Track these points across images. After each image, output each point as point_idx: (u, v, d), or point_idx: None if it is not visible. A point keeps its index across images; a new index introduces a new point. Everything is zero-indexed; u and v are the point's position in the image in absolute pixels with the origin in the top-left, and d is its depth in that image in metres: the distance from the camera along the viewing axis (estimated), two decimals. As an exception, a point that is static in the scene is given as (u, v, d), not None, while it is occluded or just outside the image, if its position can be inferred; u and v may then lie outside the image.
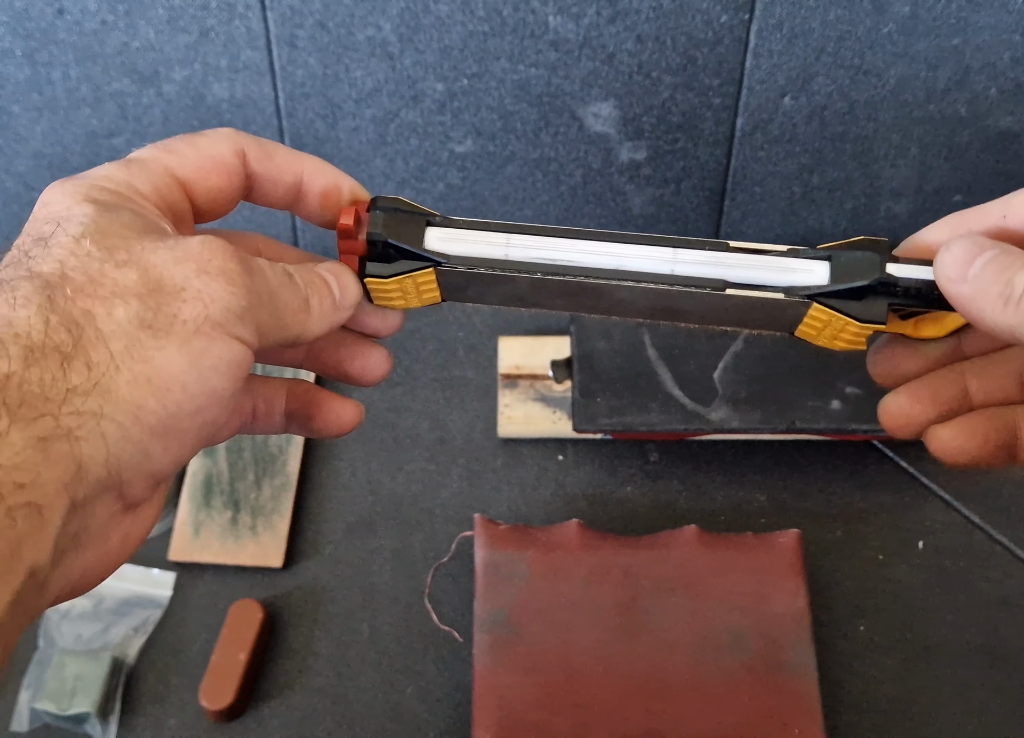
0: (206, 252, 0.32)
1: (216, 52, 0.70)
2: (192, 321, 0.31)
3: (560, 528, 0.66)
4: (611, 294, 0.38)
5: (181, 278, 0.31)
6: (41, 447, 0.28)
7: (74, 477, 0.28)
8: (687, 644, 0.62)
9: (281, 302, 0.34)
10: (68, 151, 0.76)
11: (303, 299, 0.35)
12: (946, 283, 0.35)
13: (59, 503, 0.28)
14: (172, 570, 0.69)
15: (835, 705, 0.63)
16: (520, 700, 0.60)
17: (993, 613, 0.66)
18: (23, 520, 0.27)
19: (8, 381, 0.28)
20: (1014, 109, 0.71)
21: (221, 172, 0.37)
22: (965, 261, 0.34)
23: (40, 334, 0.29)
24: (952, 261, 0.34)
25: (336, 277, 0.37)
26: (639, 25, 0.68)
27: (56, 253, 0.31)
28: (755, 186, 0.77)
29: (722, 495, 0.72)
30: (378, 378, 0.41)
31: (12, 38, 0.70)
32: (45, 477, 0.27)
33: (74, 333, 0.29)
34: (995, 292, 0.33)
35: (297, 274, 0.36)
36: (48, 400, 0.28)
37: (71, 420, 0.28)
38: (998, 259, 0.33)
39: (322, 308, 0.36)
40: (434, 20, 0.68)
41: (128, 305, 0.30)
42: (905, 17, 0.67)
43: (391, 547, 0.70)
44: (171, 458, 0.31)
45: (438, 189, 0.78)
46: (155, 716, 0.64)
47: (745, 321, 0.38)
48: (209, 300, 0.31)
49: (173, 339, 0.30)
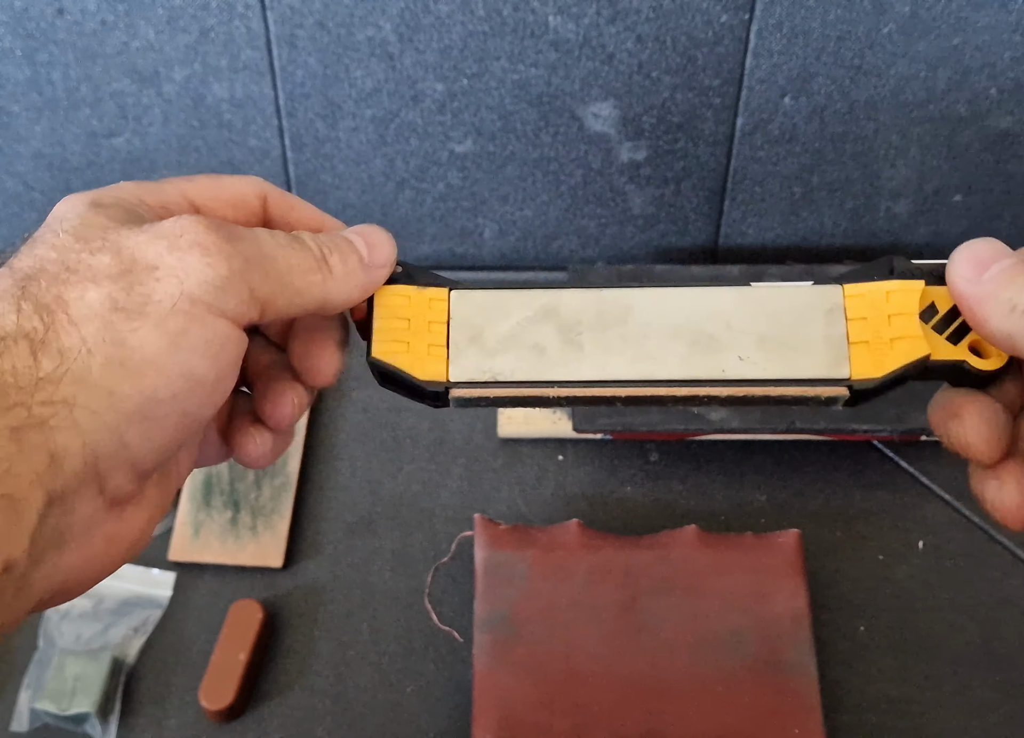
0: (178, 228, 0.31)
1: (216, 52, 0.70)
2: (167, 300, 0.29)
3: (560, 528, 0.66)
4: None
5: (154, 256, 0.30)
6: (13, 438, 0.27)
7: (48, 468, 0.28)
8: (687, 644, 0.62)
9: (283, 263, 0.32)
10: (68, 151, 0.76)
11: (316, 258, 0.33)
12: (959, 280, 0.34)
13: (34, 495, 0.27)
14: (172, 570, 0.69)
15: (835, 705, 0.63)
16: (520, 700, 0.60)
17: (993, 613, 0.66)
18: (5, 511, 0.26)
19: None
20: (1014, 109, 0.71)
21: (238, 207, 0.36)
22: (982, 263, 0.34)
23: (12, 323, 0.29)
24: (970, 260, 0.34)
25: (363, 235, 0.35)
26: (639, 25, 0.68)
27: (37, 250, 0.31)
28: (755, 186, 0.77)
29: (722, 495, 0.72)
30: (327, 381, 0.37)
31: (12, 38, 0.70)
32: (18, 468, 0.27)
33: (45, 320, 0.29)
34: (1005, 297, 0.33)
35: (308, 236, 0.34)
36: (20, 389, 0.28)
37: (44, 410, 0.28)
38: (1014, 268, 0.33)
39: (346, 267, 0.34)
40: (434, 20, 0.68)
41: (100, 287, 0.29)
42: (905, 17, 0.67)
43: (391, 547, 0.70)
44: (151, 447, 0.30)
45: (438, 189, 0.78)
46: (155, 716, 0.64)
47: None
48: (184, 275, 0.30)
49: (147, 320, 0.29)
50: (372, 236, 0.35)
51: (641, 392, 0.35)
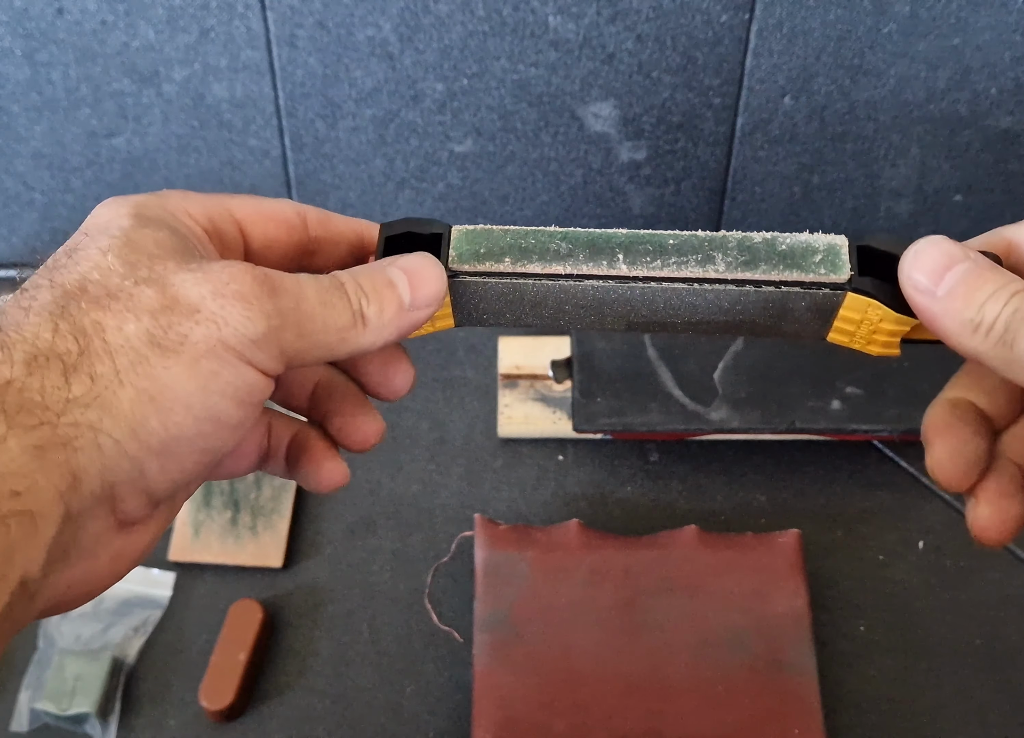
0: (225, 275, 0.31)
1: (216, 52, 0.70)
2: (203, 342, 0.30)
3: (560, 528, 0.66)
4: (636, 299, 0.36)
5: (197, 298, 0.30)
6: (38, 455, 0.27)
7: (69, 487, 0.28)
8: (687, 644, 0.61)
9: (320, 322, 0.32)
10: (68, 151, 0.76)
11: (353, 313, 0.32)
12: (914, 294, 0.32)
13: (53, 512, 0.27)
14: (172, 570, 0.69)
15: (835, 705, 0.63)
16: (520, 700, 0.60)
17: (993, 613, 0.66)
18: (17, 528, 0.26)
19: (9, 387, 0.28)
20: (1014, 109, 0.71)
21: (280, 223, 0.36)
22: (935, 272, 0.32)
23: (46, 342, 0.29)
24: (921, 269, 0.32)
25: (409, 274, 0.34)
26: (639, 25, 0.68)
27: (81, 266, 0.31)
28: (755, 186, 0.77)
29: (722, 495, 0.72)
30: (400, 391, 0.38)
31: (12, 38, 0.70)
32: (41, 485, 0.27)
33: (81, 343, 0.29)
34: (966, 317, 0.31)
35: (352, 283, 0.33)
36: (47, 408, 0.28)
37: (69, 430, 0.28)
38: (969, 278, 0.31)
39: (382, 318, 0.33)
40: (434, 20, 0.68)
41: (139, 321, 0.30)
42: (905, 17, 0.67)
43: (391, 547, 0.70)
44: (168, 479, 0.30)
45: (438, 189, 0.78)
46: (155, 716, 0.64)
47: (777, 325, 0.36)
48: (223, 323, 0.30)
49: (181, 359, 0.29)
50: (419, 274, 0.34)
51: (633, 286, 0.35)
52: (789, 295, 0.35)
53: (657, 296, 0.36)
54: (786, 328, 0.36)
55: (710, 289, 0.35)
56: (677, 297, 0.36)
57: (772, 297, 0.35)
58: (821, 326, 0.36)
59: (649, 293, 0.36)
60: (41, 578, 0.28)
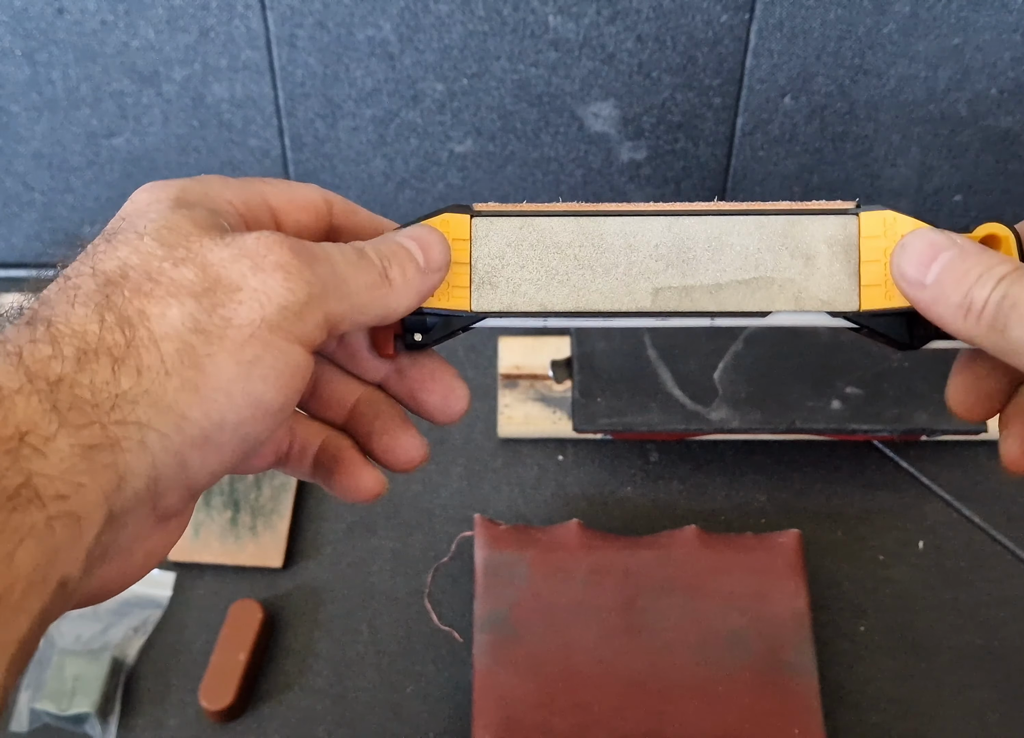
0: (262, 247, 0.31)
1: (216, 52, 0.70)
2: (247, 326, 0.30)
3: (560, 528, 0.66)
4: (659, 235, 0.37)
5: (238, 276, 0.30)
6: (87, 456, 0.27)
7: (115, 488, 0.28)
8: (687, 644, 0.61)
9: (353, 283, 0.33)
10: (68, 151, 0.76)
11: (379, 273, 0.33)
12: (904, 285, 0.34)
13: (97, 515, 0.27)
14: (172, 570, 0.69)
15: (835, 705, 0.63)
16: (520, 700, 0.60)
17: (993, 613, 0.66)
18: (62, 530, 0.26)
19: (60, 383, 0.27)
20: (1014, 109, 0.71)
21: (310, 211, 0.36)
22: (921, 263, 0.33)
23: (94, 335, 0.28)
24: (908, 262, 0.33)
25: (417, 240, 0.35)
26: (639, 25, 0.68)
27: (120, 251, 0.31)
28: (755, 186, 0.77)
29: (722, 495, 0.72)
30: (456, 415, 0.38)
31: (12, 38, 0.70)
32: (88, 488, 0.27)
33: (127, 334, 0.29)
34: (955, 302, 0.32)
35: (370, 247, 0.34)
36: (97, 406, 0.28)
37: (118, 430, 0.28)
38: (955, 264, 0.32)
39: (405, 277, 0.34)
40: (434, 20, 0.68)
41: (183, 306, 0.29)
42: (905, 17, 0.67)
43: (391, 547, 0.70)
44: (208, 471, 0.30)
45: (438, 189, 0.78)
46: (155, 716, 0.64)
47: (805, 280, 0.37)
48: (266, 299, 0.30)
49: (225, 345, 0.29)
50: (426, 239, 0.35)
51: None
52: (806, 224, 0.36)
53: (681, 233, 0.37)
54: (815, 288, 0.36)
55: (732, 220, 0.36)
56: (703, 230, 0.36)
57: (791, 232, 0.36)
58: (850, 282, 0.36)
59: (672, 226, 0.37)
60: (80, 578, 0.27)
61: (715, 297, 0.36)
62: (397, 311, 0.34)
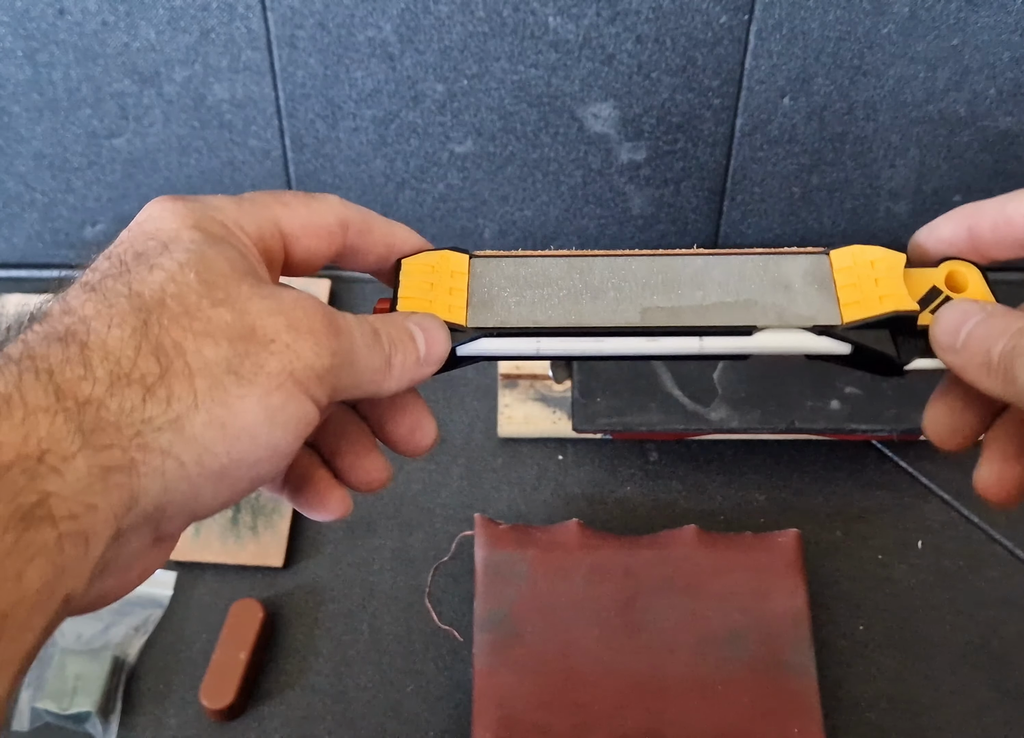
0: (299, 309, 0.32)
1: (217, 53, 0.71)
2: (277, 375, 0.31)
3: (560, 528, 0.66)
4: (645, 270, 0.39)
5: (272, 330, 0.31)
6: (103, 477, 0.28)
7: (126, 510, 0.28)
8: (687, 644, 0.62)
9: (362, 364, 0.34)
10: (69, 151, 0.76)
11: (385, 359, 0.35)
12: (941, 353, 0.36)
13: (105, 533, 0.28)
14: (173, 569, 0.69)
15: (834, 704, 0.63)
16: (520, 700, 0.60)
17: (993, 613, 0.66)
18: (70, 548, 0.27)
19: (88, 405, 0.28)
20: (1013, 109, 0.72)
21: (323, 236, 0.37)
22: (953, 331, 0.35)
23: (129, 361, 0.29)
24: (942, 332, 0.36)
25: (425, 332, 0.36)
26: (639, 26, 0.68)
27: (158, 276, 0.31)
28: (755, 186, 0.77)
29: (722, 495, 0.72)
30: (421, 450, 0.39)
31: (13, 38, 0.70)
32: (100, 507, 0.27)
33: (163, 363, 0.29)
34: (978, 361, 0.34)
35: (383, 331, 0.35)
36: (120, 430, 0.28)
37: (138, 454, 0.28)
38: (980, 327, 0.34)
39: (404, 367, 0.36)
40: (434, 21, 0.69)
41: (219, 346, 0.30)
42: (904, 17, 0.67)
43: (391, 547, 0.70)
44: (217, 502, 0.31)
45: (438, 189, 0.78)
46: (156, 715, 0.64)
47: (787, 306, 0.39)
48: (295, 356, 0.31)
49: (255, 389, 0.31)
50: (432, 333, 0.37)
51: None
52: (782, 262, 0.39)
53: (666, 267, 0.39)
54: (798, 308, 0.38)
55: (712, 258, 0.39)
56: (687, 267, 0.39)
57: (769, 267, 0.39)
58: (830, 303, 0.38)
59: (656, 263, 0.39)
60: (83, 594, 0.28)
61: (702, 316, 0.38)
62: (386, 393, 0.36)
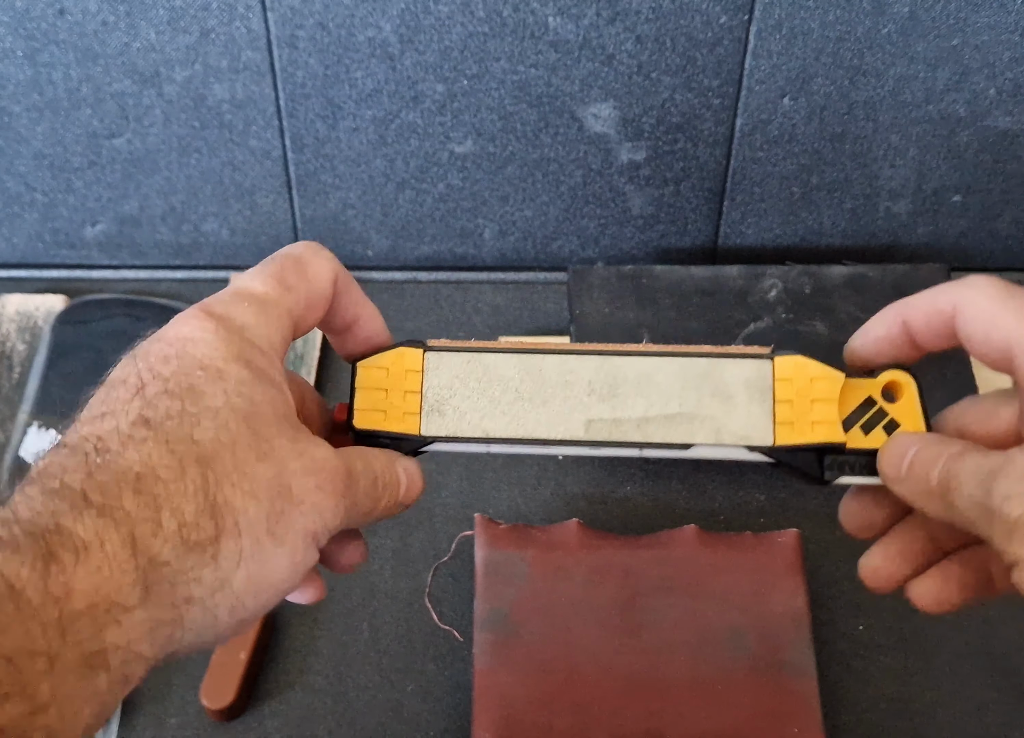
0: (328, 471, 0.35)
1: (217, 53, 0.71)
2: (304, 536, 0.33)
3: (560, 528, 0.66)
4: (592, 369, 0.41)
5: (303, 490, 0.33)
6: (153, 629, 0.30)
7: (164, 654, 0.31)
8: (687, 644, 0.62)
9: (360, 509, 0.37)
10: (69, 151, 0.76)
11: (375, 503, 0.38)
12: (890, 484, 0.38)
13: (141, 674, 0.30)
14: (173, 570, 0.69)
15: (834, 705, 0.63)
16: (520, 700, 0.60)
17: (993, 613, 0.66)
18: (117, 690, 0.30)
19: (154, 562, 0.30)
20: (1013, 109, 0.72)
21: (323, 307, 0.39)
22: (896, 464, 0.38)
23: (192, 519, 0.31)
24: (887, 465, 0.38)
25: (409, 478, 0.40)
26: (639, 26, 0.68)
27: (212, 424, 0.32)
28: (754, 186, 0.77)
29: (722, 495, 0.72)
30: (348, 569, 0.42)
31: (13, 38, 0.70)
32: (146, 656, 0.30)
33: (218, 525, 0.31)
34: (920, 489, 0.36)
35: (381, 478, 0.38)
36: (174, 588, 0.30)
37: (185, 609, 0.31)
38: (919, 456, 0.37)
39: (387, 508, 0.39)
40: (434, 21, 0.69)
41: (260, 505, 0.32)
42: (904, 17, 0.67)
43: (391, 547, 0.70)
44: (227, 637, 0.33)
45: (438, 190, 0.78)
46: (156, 715, 0.64)
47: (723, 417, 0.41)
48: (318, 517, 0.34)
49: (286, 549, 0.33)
50: (414, 481, 0.40)
51: None
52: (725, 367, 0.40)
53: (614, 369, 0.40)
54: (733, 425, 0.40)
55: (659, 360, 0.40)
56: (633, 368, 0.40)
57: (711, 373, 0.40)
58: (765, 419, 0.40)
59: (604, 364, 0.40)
60: None
61: (642, 430, 0.39)
62: (362, 527, 0.39)
